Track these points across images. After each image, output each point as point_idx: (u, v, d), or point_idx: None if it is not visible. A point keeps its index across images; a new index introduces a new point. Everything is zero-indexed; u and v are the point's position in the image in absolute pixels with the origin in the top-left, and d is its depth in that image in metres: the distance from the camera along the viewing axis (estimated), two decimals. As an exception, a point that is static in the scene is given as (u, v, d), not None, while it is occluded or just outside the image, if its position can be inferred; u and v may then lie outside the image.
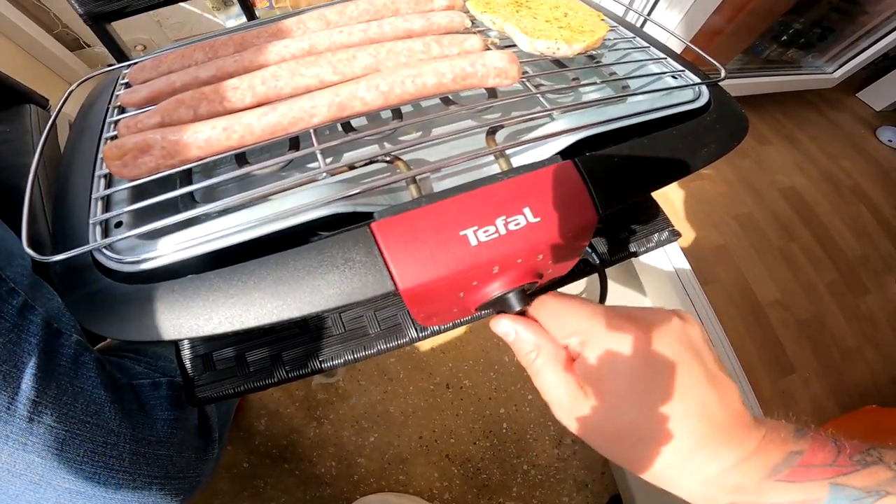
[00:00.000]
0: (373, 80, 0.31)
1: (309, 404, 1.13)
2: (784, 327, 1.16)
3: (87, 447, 0.39)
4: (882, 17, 1.52)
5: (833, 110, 1.84)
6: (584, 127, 0.32)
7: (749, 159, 1.51)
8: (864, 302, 1.27)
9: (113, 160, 0.28)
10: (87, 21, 0.56)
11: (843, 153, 1.64)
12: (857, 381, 1.11)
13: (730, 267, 1.23)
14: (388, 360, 1.19)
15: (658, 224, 0.48)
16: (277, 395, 1.13)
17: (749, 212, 1.37)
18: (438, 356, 1.20)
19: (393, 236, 0.25)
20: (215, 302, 0.25)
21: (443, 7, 0.44)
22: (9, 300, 0.39)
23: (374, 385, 1.16)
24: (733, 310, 1.15)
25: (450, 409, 1.14)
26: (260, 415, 1.10)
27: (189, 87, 0.34)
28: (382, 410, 1.13)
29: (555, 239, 0.28)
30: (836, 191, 1.51)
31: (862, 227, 1.43)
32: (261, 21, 0.49)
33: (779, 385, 1.08)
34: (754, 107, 1.67)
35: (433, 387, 1.17)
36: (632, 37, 0.46)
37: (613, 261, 0.46)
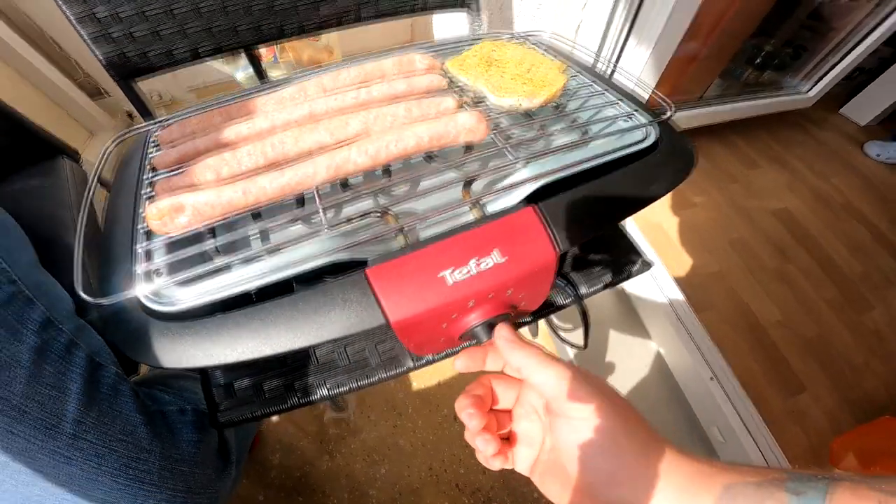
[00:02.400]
0: (363, 146, 0.37)
1: (321, 438, 1.15)
2: (789, 346, 1.17)
3: (122, 462, 0.45)
4: (846, 32, 1.55)
5: (818, 129, 1.87)
6: (545, 174, 0.38)
7: (739, 184, 1.55)
8: (869, 317, 1.27)
9: (154, 219, 0.34)
10: (115, 78, 0.61)
11: (833, 171, 1.67)
12: (870, 395, 1.11)
13: (727, 292, 1.25)
14: (397, 394, 1.22)
15: (630, 256, 0.53)
16: (291, 430, 1.16)
17: (742, 236, 1.40)
18: (445, 390, 1.23)
19: (383, 279, 0.31)
20: (239, 336, 0.30)
21: (423, 70, 0.51)
22: (57, 338, 0.46)
23: (384, 419, 1.19)
24: (734, 333, 1.17)
25: (458, 440, 1.16)
26: (275, 449, 1.13)
27: (211, 150, 0.41)
28: (392, 443, 1.15)
29: (521, 275, 0.33)
30: (828, 209, 1.52)
31: (858, 243, 1.44)
32: (269, 84, 0.57)
33: (789, 404, 1.08)
34: (740, 131, 1.72)
35: (441, 419, 1.19)
36: (591, 83, 0.51)
37: (591, 292, 0.51)
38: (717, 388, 0.94)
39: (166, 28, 0.58)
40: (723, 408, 0.91)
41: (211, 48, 0.62)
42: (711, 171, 1.60)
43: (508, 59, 0.52)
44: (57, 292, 0.52)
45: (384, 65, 0.50)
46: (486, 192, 0.37)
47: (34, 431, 0.41)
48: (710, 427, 0.94)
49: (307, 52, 1.39)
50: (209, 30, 0.60)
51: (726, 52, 1.41)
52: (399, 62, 0.50)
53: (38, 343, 0.44)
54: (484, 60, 0.51)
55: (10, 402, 0.40)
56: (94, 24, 0.54)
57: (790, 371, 1.13)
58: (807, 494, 0.24)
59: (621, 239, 0.55)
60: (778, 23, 1.52)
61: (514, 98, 0.44)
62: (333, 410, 1.18)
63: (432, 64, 0.51)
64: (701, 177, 1.58)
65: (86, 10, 0.53)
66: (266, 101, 0.47)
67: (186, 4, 0.57)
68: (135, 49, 0.58)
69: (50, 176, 0.75)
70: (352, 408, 1.20)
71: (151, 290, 0.33)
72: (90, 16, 0.53)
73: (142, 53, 0.58)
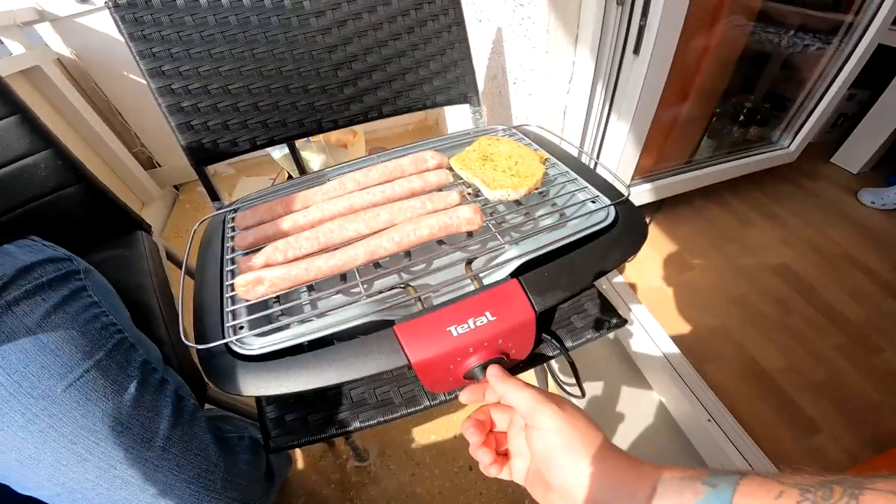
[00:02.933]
0: (390, 234, 0.51)
1: (343, 486, 1.21)
2: (799, 391, 1.17)
3: (196, 472, 0.56)
4: (814, 80, 1.58)
5: (810, 180, 1.89)
6: (528, 252, 0.50)
7: (735, 243, 1.61)
8: (880, 359, 1.25)
9: (241, 288, 0.48)
10: (192, 163, 0.71)
11: (828, 222, 1.69)
12: (892, 431, 1.09)
13: (732, 345, 1.27)
14: (415, 446, 1.28)
15: (607, 314, 0.64)
16: (315, 478, 1.23)
17: (742, 293, 1.43)
18: (460, 442, 1.28)
19: (407, 333, 0.43)
20: (303, 372, 0.43)
21: (434, 167, 0.65)
22: (153, 374, 0.59)
23: (403, 469, 1.25)
24: (741, 383, 1.18)
25: (473, 489, 1.20)
26: (298, 494, 1.20)
27: (277, 235, 0.56)
28: (410, 491, 1.20)
29: (507, 329, 0.45)
30: (826, 260, 1.55)
31: (861, 291, 1.45)
32: (314, 175, 0.72)
33: (804, 444, 1.07)
34: (733, 190, 1.79)
35: (457, 469, 1.24)
36: (566, 171, 0.64)
37: (576, 345, 0.61)
38: (716, 429, 0.99)
39: (234, 120, 0.72)
40: (723, 447, 0.96)
41: (266, 139, 0.77)
42: (709, 233, 1.66)
43: (500, 153, 0.65)
44: (147, 344, 0.65)
45: (403, 163, 0.65)
46: (483, 269, 0.50)
47: (134, 443, 0.53)
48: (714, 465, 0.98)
49: (335, 135, 1.61)
50: (265, 123, 0.75)
51: (706, 111, 1.48)
52: (415, 160, 0.65)
53: (141, 377, 0.57)
54: (481, 156, 0.65)
55: (118, 419, 0.52)
56: (180, 115, 0.69)
57: (802, 413, 1.12)
58: (719, 486, 0.28)
59: (600, 300, 0.66)
60: (755, 78, 1.59)
61: (503, 191, 0.57)
62: (356, 460, 1.25)
63: (441, 161, 0.66)
64: (699, 239, 1.63)
65: (174, 101, 0.68)
66: (315, 192, 0.62)
67: (248, 101, 0.72)
68: (209, 138, 0.72)
69: (130, 247, 0.91)
70: (373, 457, 1.26)
71: (237, 339, 0.46)
72: (177, 105, 0.68)
73: (214, 142, 0.72)
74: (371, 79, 0.79)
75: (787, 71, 1.61)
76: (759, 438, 1.03)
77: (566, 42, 0.98)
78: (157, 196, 2.01)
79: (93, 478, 0.50)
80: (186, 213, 2.08)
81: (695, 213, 1.74)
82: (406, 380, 0.59)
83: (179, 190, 2.18)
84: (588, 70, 1.00)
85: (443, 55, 0.81)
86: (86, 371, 0.52)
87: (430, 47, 0.80)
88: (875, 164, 1.90)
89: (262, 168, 2.26)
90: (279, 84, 0.73)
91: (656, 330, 1.18)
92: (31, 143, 0.76)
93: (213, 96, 0.70)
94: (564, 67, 1.02)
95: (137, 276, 0.84)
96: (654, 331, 1.18)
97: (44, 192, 0.80)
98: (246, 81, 0.71)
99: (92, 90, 1.78)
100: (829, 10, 1.44)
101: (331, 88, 0.77)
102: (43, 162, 0.78)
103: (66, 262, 0.63)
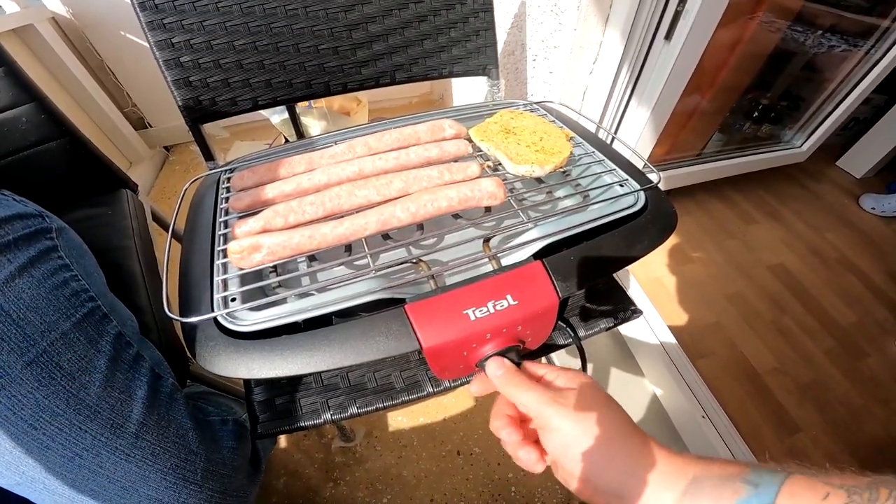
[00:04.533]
0: (405, 204, 0.46)
1: (327, 466, 1.19)
2: (785, 392, 1.20)
3: (173, 462, 0.50)
4: (838, 82, 1.57)
5: (814, 182, 1.91)
6: (551, 235, 0.46)
7: (736, 240, 1.61)
8: (865, 364, 1.29)
9: (235, 254, 0.43)
10: (188, 121, 0.66)
11: (828, 225, 1.71)
12: (871, 437, 1.12)
13: (724, 342, 1.29)
14: (403, 428, 1.26)
15: (623, 304, 0.61)
16: (298, 457, 1.20)
17: (739, 290, 1.45)
18: (450, 426, 1.27)
19: (419, 313, 0.39)
20: (302, 353, 0.38)
21: (451, 136, 0.60)
22: (127, 350, 0.53)
23: (389, 450, 1.22)
24: (732, 380, 1.20)
25: (460, 473, 1.19)
26: (280, 474, 1.17)
27: (278, 199, 0.50)
28: (396, 474, 1.18)
29: (528, 315, 0.40)
30: (823, 263, 1.57)
31: (853, 295, 1.48)
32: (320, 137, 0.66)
33: (787, 443, 1.10)
34: (738, 186, 1.79)
35: (445, 453, 1.22)
36: (592, 151, 0.60)
37: (588, 335, 0.58)
38: (709, 426, 0.99)
39: (236, 78, 0.67)
40: (713, 443, 0.96)
41: (268, 99, 0.71)
42: (710, 227, 1.66)
43: (524, 127, 0.61)
44: (123, 312, 0.59)
45: (419, 129, 0.59)
46: (503, 247, 0.46)
47: (103, 430, 0.46)
48: (700, 458, 0.99)
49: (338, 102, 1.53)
50: (269, 83, 0.69)
51: (724, 106, 1.47)
52: (431, 128, 0.60)
53: (112, 353, 0.51)
54: (503, 129, 0.60)
55: (85, 402, 0.46)
56: (178, 70, 0.63)
57: (787, 414, 1.15)
58: (762, 485, 0.27)
59: (615, 289, 0.63)
60: (775, 76, 1.57)
61: (527, 166, 0.53)
62: (342, 440, 1.22)
63: (459, 130, 0.61)
64: (700, 232, 1.63)
65: (173, 56, 0.62)
66: (321, 154, 0.56)
67: (254, 59, 0.66)
68: (208, 95, 0.66)
69: (113, 206, 0.84)
70: (359, 438, 1.24)
71: (228, 313, 0.41)
72: (176, 60, 0.62)
73: (212, 100, 0.67)
74: (387, 42, 0.73)
75: (808, 71, 1.58)
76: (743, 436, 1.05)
77: (596, 21, 0.93)
78: (146, 156, 1.94)
79: (56, 467, 0.45)
80: (176, 175, 1.99)
81: (697, 206, 1.73)
82: (409, 363, 0.55)
83: (170, 151, 2.10)
84: (616, 52, 0.95)
85: (465, 23, 0.75)
86: (50, 345, 0.45)
87: (452, 14, 0.74)
88: (879, 171, 1.92)
89: (258, 132, 2.17)
90: (288, 42, 0.67)
91: (656, 320, 1.16)
92: (13, 95, 0.74)
93: (216, 52, 0.64)
94: (591, 47, 0.98)
95: (119, 238, 0.78)
96: (654, 321, 1.16)
97: (23, 145, 0.77)
98: (253, 38, 0.65)
99: (86, 49, 1.72)
100: (864, 13, 1.41)
101: (343, 50, 0.71)
102: (24, 115, 0.75)
103: (37, 218, 0.56)
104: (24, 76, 0.74)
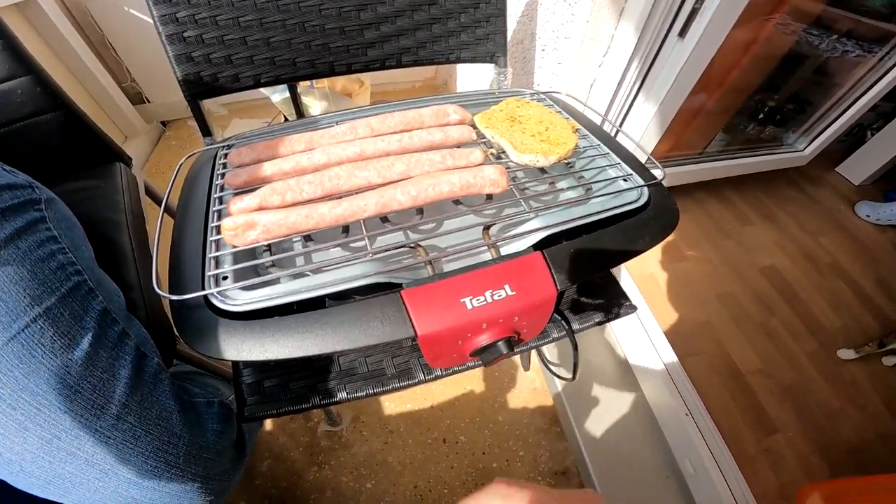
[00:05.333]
0: (406, 187, 0.45)
1: (312, 450, 1.19)
2: (767, 393, 1.22)
3: (155, 444, 0.49)
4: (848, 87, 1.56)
5: (812, 186, 1.91)
6: (553, 226, 0.45)
7: (731, 240, 1.63)
8: (847, 369, 1.31)
9: (229, 231, 0.41)
10: (187, 96, 0.65)
11: (822, 230, 1.72)
12: (844, 439, 1.14)
13: (712, 341, 1.31)
14: (390, 413, 1.26)
15: (619, 300, 0.60)
16: (283, 440, 1.20)
17: (731, 290, 1.46)
18: (437, 413, 1.27)
19: (415, 300, 0.38)
20: (294, 336, 0.37)
21: (456, 121, 0.59)
22: (112, 327, 0.51)
23: (376, 436, 1.23)
24: (716, 378, 1.22)
25: (445, 461, 1.19)
26: (263, 457, 1.17)
27: (276, 176, 0.49)
28: (381, 460, 1.19)
29: (526, 306, 0.40)
30: (815, 268, 1.59)
31: (841, 301, 1.50)
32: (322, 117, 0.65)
33: (763, 443, 1.12)
34: (736, 187, 1.79)
35: (431, 441, 1.23)
36: (598, 144, 0.59)
37: (582, 328, 0.58)
38: (692, 424, 1.00)
39: (239, 54, 0.65)
40: (696, 442, 0.97)
41: (271, 77, 0.69)
42: (706, 226, 1.67)
43: (530, 116, 0.59)
44: (110, 288, 0.57)
45: (423, 113, 0.58)
46: (503, 236, 0.45)
47: (83, 410, 0.44)
48: (682, 460, 1.00)
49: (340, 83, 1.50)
50: (273, 60, 0.67)
51: (731, 106, 1.46)
52: (436, 112, 0.58)
53: (97, 330, 0.48)
54: (509, 117, 0.59)
55: (66, 381, 0.44)
56: (181, 45, 0.61)
57: (766, 415, 1.17)
58: None
59: (611, 283, 0.62)
60: (784, 78, 1.55)
61: (531, 155, 0.52)
62: (328, 424, 1.22)
63: (464, 116, 0.59)
64: (696, 231, 1.64)
65: (177, 30, 0.60)
66: (322, 134, 0.55)
67: (259, 36, 0.64)
68: (210, 71, 0.64)
69: (106, 179, 0.82)
70: (346, 422, 1.24)
71: (219, 291, 0.40)
72: (179, 35, 0.60)
73: (214, 76, 0.65)
74: (395, 24, 0.71)
75: (819, 75, 1.57)
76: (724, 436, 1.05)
77: (610, 13, 0.91)
78: (142, 131, 1.91)
79: (33, 448, 0.43)
80: (172, 150, 1.95)
81: (694, 205, 1.74)
82: (401, 350, 0.54)
83: (167, 127, 2.06)
84: (627, 46, 0.94)
85: (476, 8, 0.73)
86: (32, 320, 0.43)
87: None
88: (877, 179, 1.92)
89: (257, 111, 2.14)
90: (295, 20, 0.65)
91: (647, 316, 1.16)
92: (9, 68, 0.74)
93: (221, 28, 0.62)
94: (602, 40, 0.96)
95: (110, 211, 0.76)
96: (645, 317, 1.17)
97: (17, 117, 0.77)
98: (260, 14, 0.63)
99: (88, 24, 1.70)
100: (883, 19, 1.40)
101: (350, 30, 0.69)
102: (20, 88, 0.75)
103: (27, 189, 0.54)
104: (22, 50, 0.74)
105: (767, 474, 1.08)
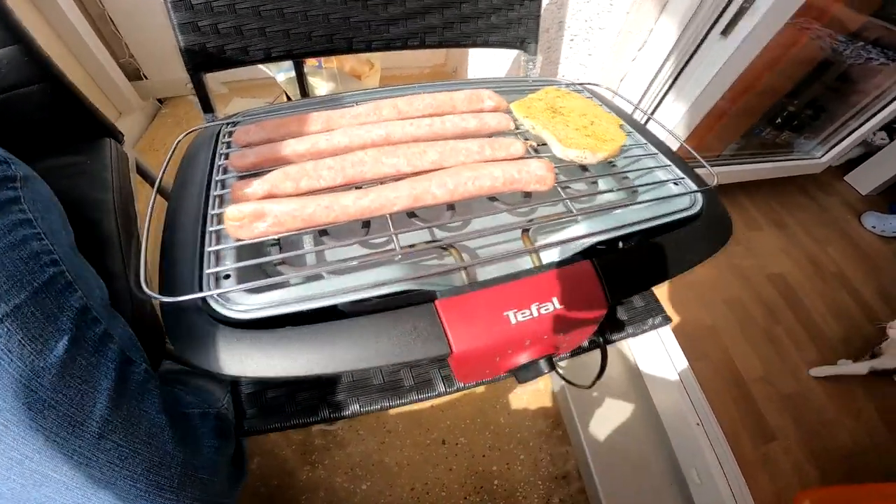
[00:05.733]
0: (442, 178, 0.39)
1: (305, 448, 1.14)
2: (767, 401, 1.23)
3: (145, 465, 0.42)
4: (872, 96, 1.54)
5: (823, 194, 1.91)
6: (600, 232, 0.40)
7: (740, 245, 1.62)
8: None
9: (233, 221, 0.35)
10: (189, 68, 0.60)
11: (829, 239, 1.72)
12: (838, 446, 1.16)
13: (718, 346, 1.31)
14: (388, 413, 1.22)
15: (653, 311, 0.56)
16: (274, 437, 1.15)
17: (738, 296, 1.45)
18: (437, 414, 1.23)
19: (452, 312, 0.33)
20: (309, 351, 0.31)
21: (491, 107, 0.53)
22: (92, 328, 0.44)
23: (372, 435, 1.18)
24: (720, 384, 1.23)
25: (443, 463, 1.15)
26: (253, 453, 1.11)
27: (289, 158, 0.43)
28: (378, 460, 1.14)
29: (574, 322, 0.35)
30: (820, 276, 1.59)
31: (843, 310, 1.51)
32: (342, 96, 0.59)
33: (761, 450, 1.13)
34: (748, 192, 1.78)
35: (429, 442, 1.19)
36: (644, 143, 0.54)
37: (614, 339, 0.53)
38: (702, 434, 0.97)
39: (251, 25, 0.59)
40: (705, 452, 0.95)
41: (282, 52, 0.63)
42: None
43: (572, 108, 0.53)
44: (91, 279, 0.50)
45: (456, 97, 0.52)
46: (546, 242, 0.39)
47: (58, 428, 0.38)
48: (689, 469, 0.98)
49: (349, 63, 1.41)
50: (287, 33, 0.61)
51: (757, 110, 1.44)
52: (469, 98, 0.53)
53: (74, 332, 0.41)
54: (549, 108, 0.53)
55: (37, 394, 0.37)
56: (186, 12, 0.55)
57: (765, 422, 1.18)
58: None
59: (648, 295, 0.57)
60: (806, 83, 1.52)
61: (579, 151, 0.46)
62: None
63: (499, 103, 0.54)
64: None
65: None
66: (343, 114, 0.48)
67: (273, 5, 0.59)
68: (216, 42, 0.58)
69: (93, 155, 0.75)
70: (341, 421, 1.19)
71: (219, 294, 0.34)
72: (186, 2, 0.54)
73: (220, 47, 0.59)
74: (422, 1, 0.65)
75: (839, 81, 1.56)
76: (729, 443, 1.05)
77: (653, 5, 0.86)
78: (137, 107, 1.83)
79: (1, 470, 0.37)
80: (167, 127, 1.87)
81: (705, 208, 1.73)
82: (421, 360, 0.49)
83: (163, 104, 1.98)
84: (667, 41, 0.89)
85: (509, -11, 0.67)
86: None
87: (496, -24, 0.66)
88: (883, 190, 1.93)
89: (259, 90, 2.04)
90: None
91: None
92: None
93: None
94: (640, 33, 0.92)
95: (96, 189, 0.69)
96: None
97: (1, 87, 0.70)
98: None
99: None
100: None
101: (373, 4, 0.63)
102: (6, 57, 0.69)
103: (1, 164, 0.47)
104: (11, 18, 0.68)
105: (764, 481, 1.08)
